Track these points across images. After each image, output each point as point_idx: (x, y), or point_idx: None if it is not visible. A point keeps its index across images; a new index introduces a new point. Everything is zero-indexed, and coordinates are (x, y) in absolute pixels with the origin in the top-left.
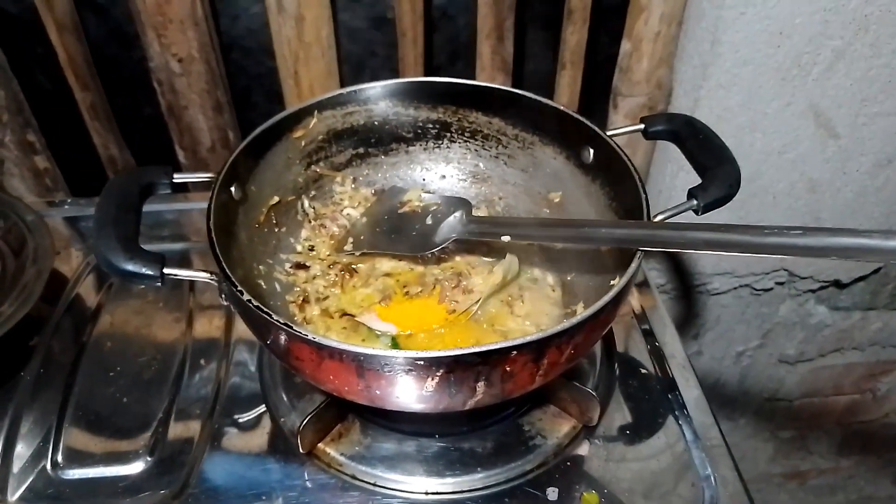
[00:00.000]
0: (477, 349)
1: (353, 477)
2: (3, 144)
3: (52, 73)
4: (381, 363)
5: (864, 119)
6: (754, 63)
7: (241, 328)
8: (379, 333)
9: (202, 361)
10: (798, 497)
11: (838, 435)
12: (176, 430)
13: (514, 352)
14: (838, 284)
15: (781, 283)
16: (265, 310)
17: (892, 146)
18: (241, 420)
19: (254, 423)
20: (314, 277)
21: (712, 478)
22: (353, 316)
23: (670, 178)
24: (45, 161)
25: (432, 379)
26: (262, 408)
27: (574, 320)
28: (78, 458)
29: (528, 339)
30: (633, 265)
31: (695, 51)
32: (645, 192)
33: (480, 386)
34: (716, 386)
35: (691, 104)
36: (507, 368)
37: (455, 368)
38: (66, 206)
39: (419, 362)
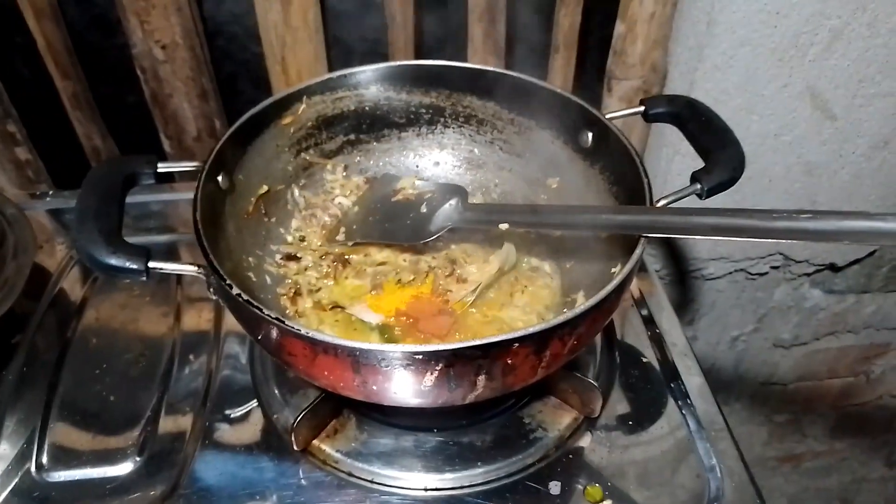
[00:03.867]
0: (477, 342)
1: (350, 474)
2: None
3: (31, 61)
4: (377, 358)
5: (861, 100)
6: (751, 44)
7: (231, 321)
8: (372, 327)
9: (191, 356)
10: (793, 480)
11: (832, 418)
12: (166, 428)
13: (516, 344)
14: (833, 268)
15: (776, 268)
16: (255, 304)
17: (889, 127)
18: (232, 417)
19: (246, 420)
20: (306, 269)
21: (717, 468)
22: (343, 308)
23: (666, 161)
24: (27, 152)
25: (431, 374)
26: (255, 403)
27: (577, 310)
28: (64, 459)
29: (530, 330)
30: (637, 252)
31: (690, 32)
32: (647, 177)
33: (481, 380)
34: (711, 371)
35: (687, 86)
36: (509, 361)
37: (454, 362)
38: (49, 199)
39: (417, 357)
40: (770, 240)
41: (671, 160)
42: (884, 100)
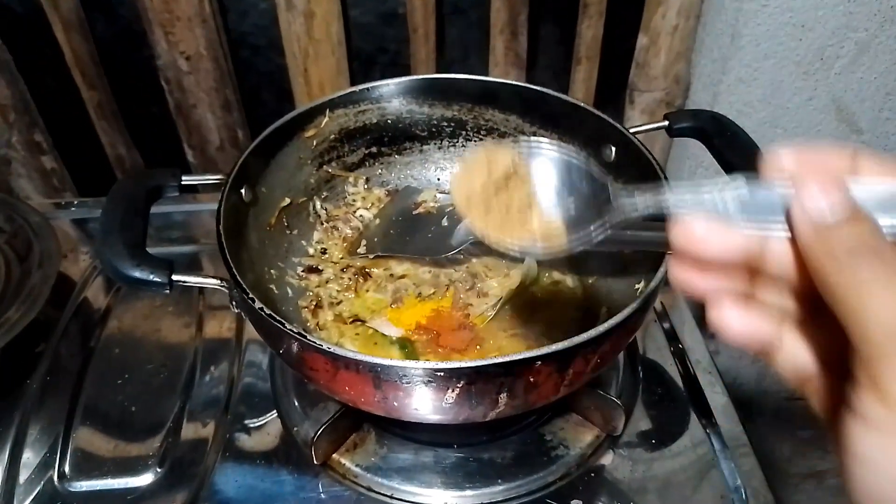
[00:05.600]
0: (500, 360)
1: (369, 489)
2: (9, 145)
3: (58, 72)
4: (398, 374)
5: (887, 113)
6: (776, 57)
7: (252, 332)
8: (392, 340)
9: (213, 366)
10: (816, 497)
11: None
12: (186, 438)
13: (539, 362)
14: None
15: None
16: (277, 318)
17: None
18: (252, 428)
19: (266, 432)
20: (327, 281)
21: (741, 488)
22: (363, 321)
23: (689, 174)
24: (52, 161)
25: (452, 391)
26: (274, 415)
27: (601, 328)
28: (86, 468)
29: (554, 348)
30: (662, 270)
31: (714, 44)
32: None
33: (503, 397)
34: (734, 385)
35: (710, 99)
36: (531, 379)
37: (476, 380)
38: (74, 208)
39: (438, 373)
40: None
41: (694, 172)
42: None
